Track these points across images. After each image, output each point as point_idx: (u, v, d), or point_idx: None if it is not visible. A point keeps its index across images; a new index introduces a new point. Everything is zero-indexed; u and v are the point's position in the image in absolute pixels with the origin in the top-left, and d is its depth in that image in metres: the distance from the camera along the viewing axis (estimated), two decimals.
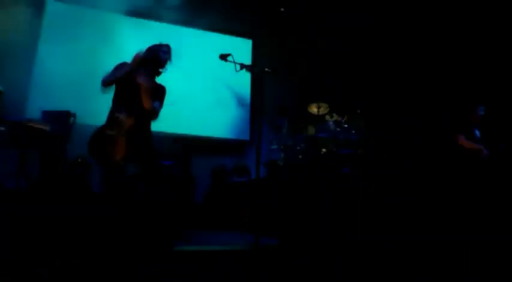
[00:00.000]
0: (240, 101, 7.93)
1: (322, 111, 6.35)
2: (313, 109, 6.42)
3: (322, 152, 6.07)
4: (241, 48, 8.05)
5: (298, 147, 6.38)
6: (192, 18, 7.19)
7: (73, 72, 6.19)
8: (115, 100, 3.25)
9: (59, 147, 5.22)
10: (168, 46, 3.47)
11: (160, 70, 3.42)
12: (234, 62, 2.96)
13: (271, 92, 7.74)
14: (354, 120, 6.14)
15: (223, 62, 7.81)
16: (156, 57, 3.34)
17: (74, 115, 5.32)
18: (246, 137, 7.70)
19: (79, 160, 5.87)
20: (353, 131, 6.03)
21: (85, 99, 6.18)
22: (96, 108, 6.26)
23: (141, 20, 7.13)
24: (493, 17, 5.22)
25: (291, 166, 6.41)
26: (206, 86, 7.51)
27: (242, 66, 2.85)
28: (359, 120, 6.14)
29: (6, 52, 5.89)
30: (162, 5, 6.97)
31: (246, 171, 7.16)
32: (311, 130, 6.34)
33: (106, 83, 3.17)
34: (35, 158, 5.13)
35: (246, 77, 8.06)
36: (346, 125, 6.09)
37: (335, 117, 6.29)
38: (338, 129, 6.12)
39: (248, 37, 8.09)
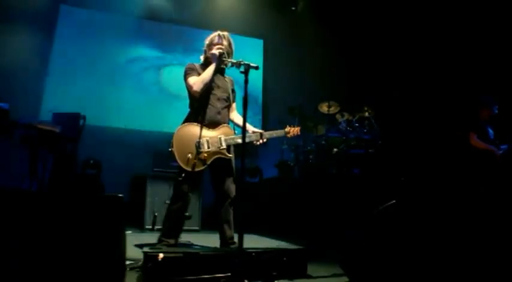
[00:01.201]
0: (251, 101, 7.91)
1: (333, 110, 6.23)
2: (324, 108, 6.31)
3: (333, 152, 5.96)
4: (253, 48, 8.06)
5: (309, 147, 6.31)
6: (203, 19, 7.21)
7: (84, 75, 6.35)
8: None
9: (69, 149, 5.31)
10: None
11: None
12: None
13: (281, 91, 7.75)
14: (365, 119, 5.99)
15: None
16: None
17: (83, 117, 5.39)
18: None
19: (91, 162, 5.97)
20: (365, 130, 5.88)
21: (95, 101, 6.35)
22: (106, 110, 6.49)
23: (152, 23, 7.20)
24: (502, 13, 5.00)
25: (302, 166, 6.33)
26: None
27: (233, 64, 2.79)
28: (371, 119, 5.99)
29: (19, 57, 6.03)
30: (171, 7, 7.05)
31: (258, 172, 7.11)
32: (321, 130, 6.23)
33: None
34: (48, 159, 5.24)
35: (258, 76, 8.04)
36: (357, 124, 5.95)
37: (346, 116, 6.17)
38: (349, 128, 6.00)
39: (259, 37, 8.08)
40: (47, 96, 6.36)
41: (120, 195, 1.55)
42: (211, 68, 2.96)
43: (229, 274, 2.03)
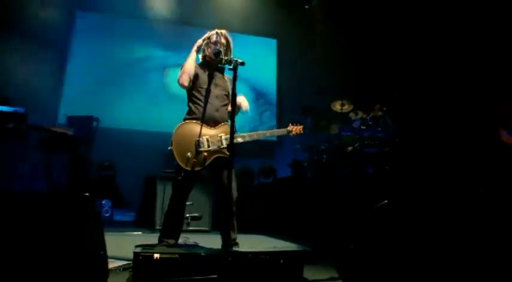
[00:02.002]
0: (266, 101, 7.88)
1: (346, 108, 6.10)
2: (337, 107, 6.19)
3: (347, 151, 5.83)
4: (266, 48, 8.03)
5: (323, 147, 6.20)
6: (216, 20, 7.21)
7: (98, 78, 6.47)
8: None
9: (83, 150, 5.41)
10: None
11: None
12: (222, 58, 2.86)
13: (295, 91, 7.67)
14: (379, 118, 5.83)
15: (248, 62, 7.76)
16: None
17: (96, 119, 5.49)
18: (272, 137, 7.60)
19: (106, 163, 6.08)
20: (379, 129, 5.72)
21: (108, 103, 6.46)
22: (118, 112, 6.60)
23: (164, 25, 7.27)
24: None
25: (315, 166, 6.23)
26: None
27: (225, 61, 2.75)
28: (385, 117, 5.83)
29: (38, 63, 6.20)
30: (184, 10, 7.09)
31: (271, 171, 7.05)
32: (334, 129, 6.11)
33: None
34: (63, 161, 5.37)
35: (271, 76, 8.00)
36: (371, 123, 5.80)
37: (360, 114, 6.03)
38: (363, 127, 5.85)
39: (273, 36, 8.03)
40: (65, 100, 6.53)
41: (86, 194, 1.54)
42: (190, 56, 2.91)
43: (216, 276, 1.99)
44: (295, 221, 5.13)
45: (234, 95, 2.27)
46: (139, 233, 4.52)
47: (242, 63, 2.54)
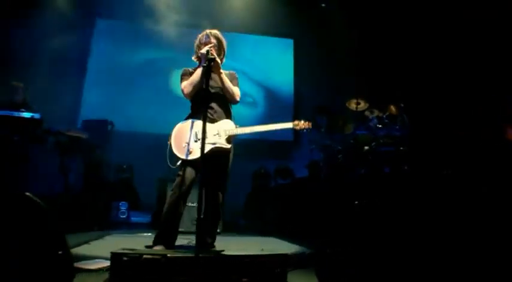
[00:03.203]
0: (282, 100, 7.80)
1: (362, 107, 5.92)
2: (352, 105, 6.02)
3: (364, 150, 5.65)
4: (283, 49, 7.96)
5: (339, 147, 6.04)
6: (230, 22, 7.22)
7: (114, 82, 6.64)
8: None
9: (99, 154, 5.54)
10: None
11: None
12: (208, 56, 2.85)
13: (312, 91, 7.52)
14: (396, 116, 5.62)
15: (264, 63, 7.75)
16: None
17: (111, 123, 5.60)
18: (289, 137, 7.50)
19: (124, 166, 6.20)
20: (396, 127, 5.50)
21: (127, 107, 6.61)
22: (137, 115, 6.73)
23: (179, 29, 7.35)
24: None
25: (331, 166, 6.08)
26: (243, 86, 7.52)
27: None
28: (403, 115, 5.60)
29: (59, 69, 6.44)
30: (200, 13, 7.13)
31: (289, 173, 6.95)
32: (349, 128, 5.94)
33: None
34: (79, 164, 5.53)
35: (289, 77, 7.91)
36: (387, 121, 5.59)
37: (376, 113, 5.83)
38: (379, 125, 5.65)
39: (289, 37, 7.95)
40: (84, 104, 6.75)
41: (27, 193, 1.54)
42: (199, 70, 2.95)
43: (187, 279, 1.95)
44: (310, 222, 5.03)
45: (208, 91, 2.24)
46: (149, 234, 4.56)
47: (212, 60, 2.65)
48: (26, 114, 4.83)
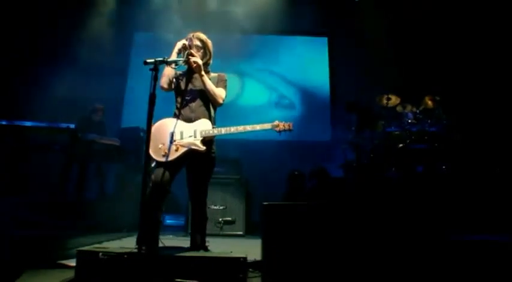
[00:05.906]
0: (318, 101, 7.58)
1: (393, 102, 5.55)
2: (383, 101, 5.67)
3: (399, 147, 5.29)
4: (318, 47, 7.76)
5: (372, 145, 5.72)
6: (265, 24, 7.18)
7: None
8: None
9: (133, 160, 5.82)
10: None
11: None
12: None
13: (348, 88, 7.20)
14: (431, 110, 5.18)
15: (299, 64, 7.57)
16: None
17: (143, 130, 5.83)
18: (326, 138, 7.27)
19: None
20: (428, 121, 5.08)
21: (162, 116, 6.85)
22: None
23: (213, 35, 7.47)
24: None
25: (362, 166, 5.77)
26: (274, 86, 7.54)
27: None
28: (439, 110, 5.14)
29: (103, 79, 6.82)
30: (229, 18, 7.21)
31: (324, 174, 6.71)
32: (379, 126, 5.60)
33: None
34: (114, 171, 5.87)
35: (325, 75, 7.67)
36: (420, 116, 5.18)
37: (409, 108, 5.43)
38: (414, 121, 5.26)
39: (323, 35, 7.73)
40: (125, 113, 7.18)
41: None
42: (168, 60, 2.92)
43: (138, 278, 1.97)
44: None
45: (153, 94, 2.25)
46: (170, 236, 4.70)
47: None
48: (64, 125, 5.23)
